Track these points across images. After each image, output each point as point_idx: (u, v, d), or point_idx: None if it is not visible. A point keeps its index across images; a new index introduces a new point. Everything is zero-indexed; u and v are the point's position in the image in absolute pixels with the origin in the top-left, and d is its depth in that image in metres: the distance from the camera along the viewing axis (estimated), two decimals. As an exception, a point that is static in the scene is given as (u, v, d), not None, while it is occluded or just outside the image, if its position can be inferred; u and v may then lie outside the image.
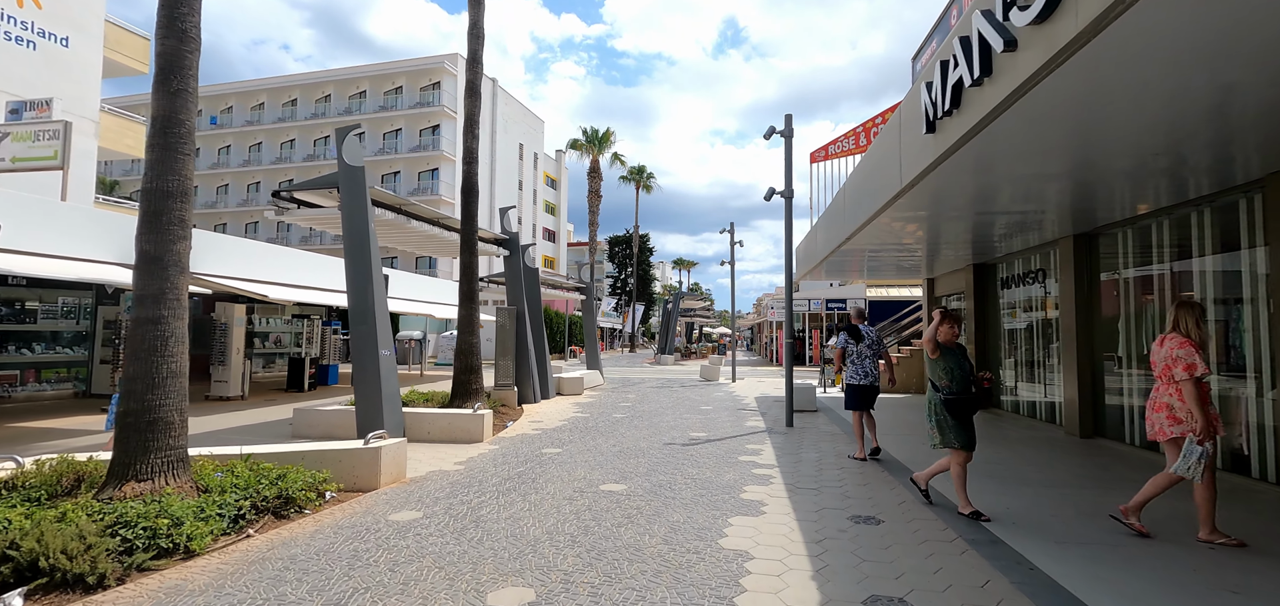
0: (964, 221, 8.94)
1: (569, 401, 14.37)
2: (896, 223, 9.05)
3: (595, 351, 19.60)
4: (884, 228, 9.48)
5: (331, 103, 48.93)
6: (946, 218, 8.68)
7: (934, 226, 9.31)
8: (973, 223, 8.96)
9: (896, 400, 14.55)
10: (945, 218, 8.70)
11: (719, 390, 17.43)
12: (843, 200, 9.85)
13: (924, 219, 8.78)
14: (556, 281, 18.35)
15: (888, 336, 20.13)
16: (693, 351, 45.44)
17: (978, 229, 9.45)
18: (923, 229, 9.62)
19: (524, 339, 14.10)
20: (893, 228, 9.60)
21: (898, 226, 9.43)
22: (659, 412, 12.27)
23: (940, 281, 15.25)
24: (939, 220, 8.87)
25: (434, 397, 10.81)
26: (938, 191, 6.99)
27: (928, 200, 7.46)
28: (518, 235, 14.46)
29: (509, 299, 14.40)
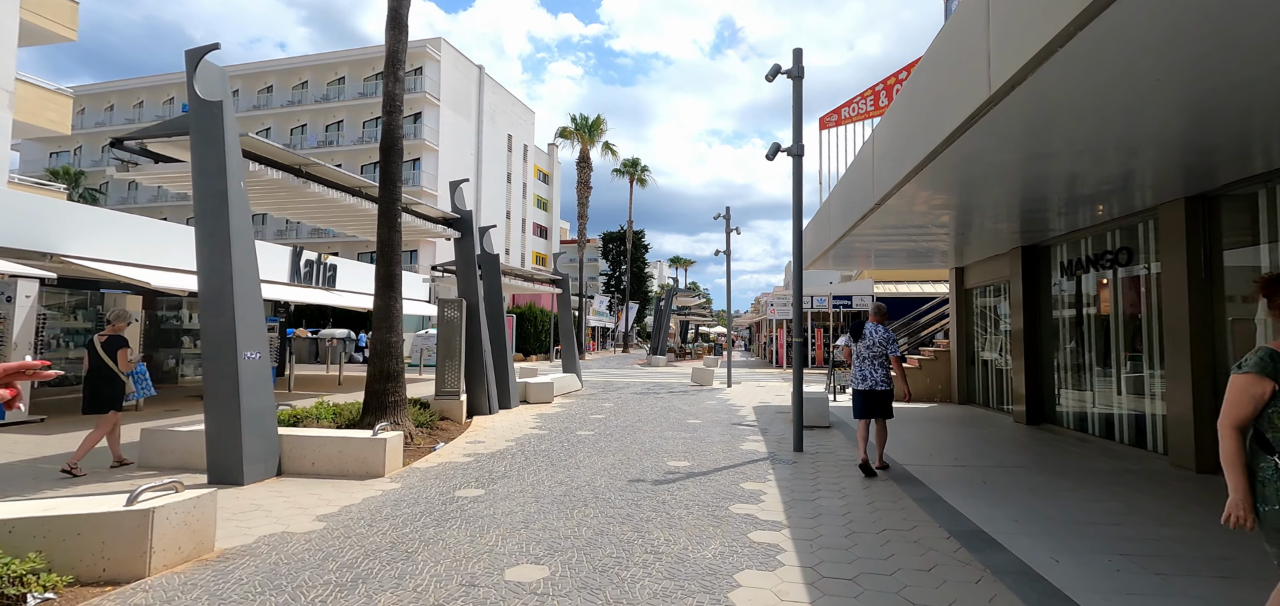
0: (1017, 186, 6.66)
1: (532, 412, 12.05)
2: (930, 193, 6.77)
3: (573, 352, 17.29)
4: (912, 199, 7.19)
5: (309, 89, 46.54)
6: (998, 179, 6.40)
7: (981, 192, 7.03)
8: (1031, 187, 6.66)
9: (918, 411, 12.25)
10: (997, 179, 6.42)
11: (711, 397, 15.12)
12: (872, 153, 7.53)
13: (972, 183, 6.49)
14: (529, 273, 16.03)
15: (902, 337, 17.82)
16: (688, 352, 43.12)
17: (1037, 196, 7.15)
18: (963, 199, 7.35)
19: (477, 338, 11.78)
20: (925, 200, 7.33)
21: (930, 200, 7.16)
22: (635, 428, 9.96)
23: (973, 272, 12.95)
24: (989, 183, 6.59)
25: (342, 414, 8.49)
26: (1013, 127, 4.70)
27: (998, 141, 5.16)
28: (472, 214, 12.13)
29: (460, 290, 12.07)
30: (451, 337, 10.71)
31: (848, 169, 8.94)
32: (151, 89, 50.93)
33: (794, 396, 8.03)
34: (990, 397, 12.23)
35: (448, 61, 44.95)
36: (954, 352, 13.55)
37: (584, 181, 40.18)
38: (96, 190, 49.12)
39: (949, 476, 6.68)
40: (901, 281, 31.24)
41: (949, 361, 13.73)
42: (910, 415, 11.64)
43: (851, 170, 8.79)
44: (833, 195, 10.54)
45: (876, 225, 9.26)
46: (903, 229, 9.75)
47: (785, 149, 8.11)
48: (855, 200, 8.41)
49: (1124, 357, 8.17)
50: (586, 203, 40.23)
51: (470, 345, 11.80)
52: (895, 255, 12.85)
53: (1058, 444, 8.56)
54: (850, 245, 10.71)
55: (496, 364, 12.89)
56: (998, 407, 11.89)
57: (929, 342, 15.83)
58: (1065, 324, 9.54)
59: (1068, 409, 9.47)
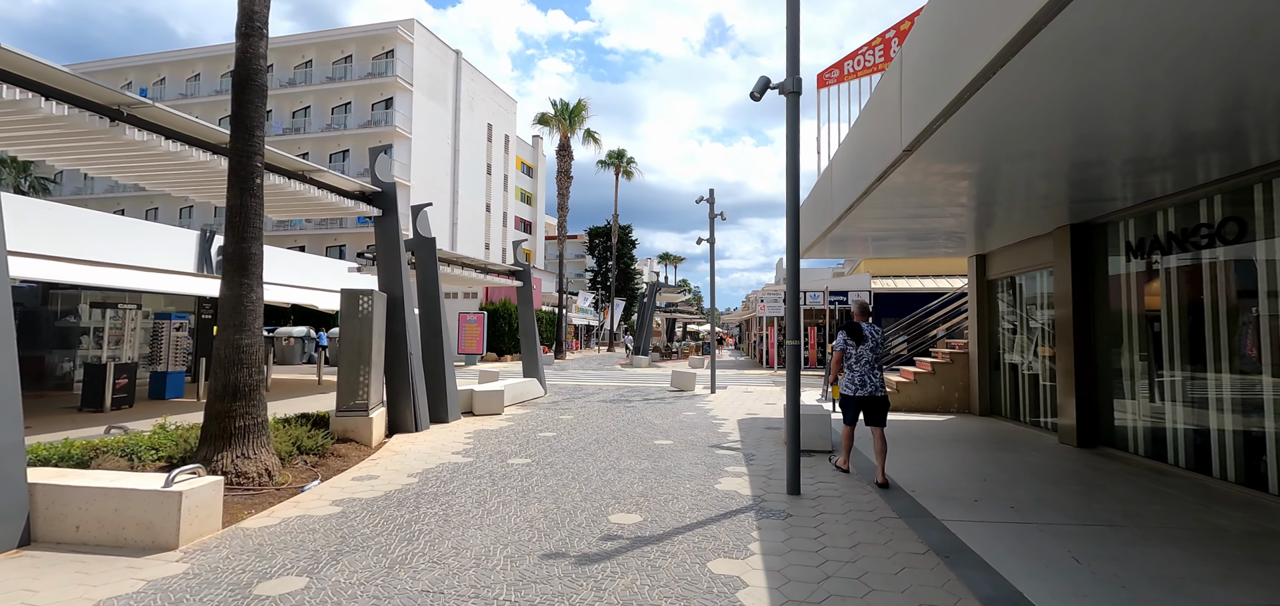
0: (1081, 137, 4.63)
1: (470, 429, 9.90)
2: (958, 154, 4.71)
3: (535, 354, 15.15)
4: (936, 157, 5.14)
5: (274, 74, 43.95)
6: (1062, 123, 4.36)
7: (1031, 142, 4.98)
8: (1107, 131, 4.62)
9: (934, 427, 10.20)
10: (1061, 123, 4.38)
11: (691, 406, 13.03)
12: (899, 81, 5.42)
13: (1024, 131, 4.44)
14: (482, 263, 13.86)
15: (899, 338, 15.81)
16: (674, 351, 41.07)
17: (1107, 150, 5.11)
18: (1001, 159, 5.31)
19: (402, 340, 9.62)
20: (940, 173, 5.29)
21: (946, 171, 5.12)
22: (587, 453, 7.84)
23: (999, 259, 10.91)
24: (1043, 132, 4.54)
25: (190, 442, 6.33)
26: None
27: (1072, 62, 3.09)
28: (394, 186, 9.96)
29: (381, 280, 9.91)
30: (361, 339, 8.55)
31: (862, 114, 6.84)
32: (113, 71, 48.22)
33: (789, 417, 5.93)
34: (1021, 409, 10.21)
35: (421, 44, 42.61)
36: (974, 355, 11.53)
37: (564, 171, 37.94)
38: (48, 180, 46.37)
39: (1013, 541, 4.61)
40: (901, 276, 29.32)
41: (967, 366, 11.71)
42: (926, 432, 9.60)
43: (867, 115, 6.68)
44: (837, 160, 8.45)
45: (882, 206, 7.21)
46: (914, 208, 7.71)
47: (777, 85, 6.01)
48: (870, 156, 6.31)
49: (1223, 362, 6.14)
50: (567, 193, 38.00)
51: (393, 348, 9.65)
52: (899, 240, 10.80)
53: (1134, 478, 6.52)
54: (857, 222, 8.63)
55: (430, 370, 10.75)
56: (1031, 422, 9.87)
57: (937, 344, 13.80)
58: (1133, 319, 7.51)
59: (1135, 427, 7.44)
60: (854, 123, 7.04)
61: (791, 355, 5.91)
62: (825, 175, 9.59)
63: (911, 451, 8.01)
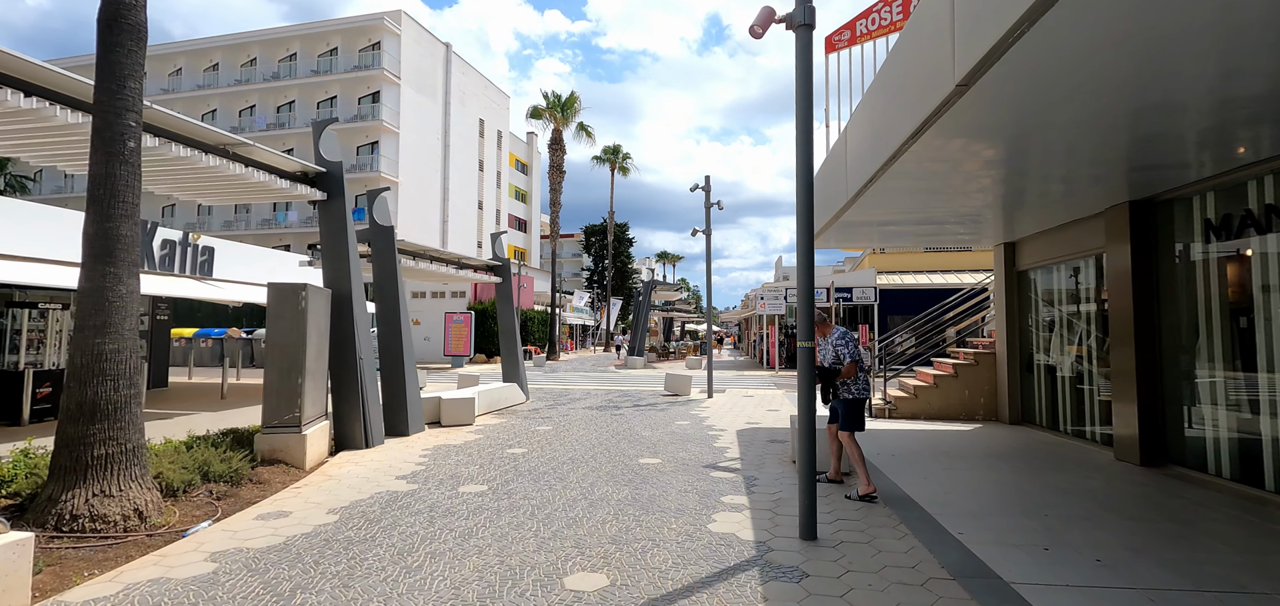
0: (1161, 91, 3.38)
1: (429, 444, 8.62)
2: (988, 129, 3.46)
3: (515, 357, 13.86)
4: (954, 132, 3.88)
5: (258, 66, 42.69)
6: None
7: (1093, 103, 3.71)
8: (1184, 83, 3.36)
9: (960, 437, 8.93)
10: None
11: (685, 414, 11.75)
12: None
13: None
14: (455, 256, 12.56)
15: (906, 337, 14.53)
16: (671, 351, 39.80)
17: (1180, 103, 3.86)
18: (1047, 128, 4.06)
19: (347, 343, 8.35)
20: (960, 148, 4.05)
21: (967, 147, 3.88)
22: (556, 477, 6.56)
23: (1032, 246, 9.63)
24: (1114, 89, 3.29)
25: (40, 473, 5.04)
26: None
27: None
28: (340, 167, 8.67)
29: (326, 274, 8.62)
30: (293, 342, 7.25)
31: (894, 50, 5.52)
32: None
33: (801, 441, 4.64)
34: (1060, 417, 8.94)
35: (409, 37, 41.29)
36: (1002, 356, 10.25)
37: (557, 165, 36.66)
38: (27, 178, 44.98)
39: None
40: (908, 272, 28.07)
41: (994, 367, 10.43)
42: (954, 444, 8.32)
43: (901, 53, 5.36)
44: (854, 126, 7.17)
45: (906, 179, 5.93)
46: (938, 187, 6.46)
47: (784, 17, 4.72)
48: (905, 104, 5.01)
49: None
50: (559, 188, 36.71)
51: (339, 353, 8.37)
52: (913, 228, 9.57)
53: (1231, 512, 5.25)
54: (874, 202, 7.36)
55: (388, 377, 9.48)
56: (1074, 433, 8.60)
57: (958, 344, 12.52)
58: (1213, 312, 6.23)
59: (1215, 442, 6.17)
60: (881, 67, 5.75)
61: (805, 361, 4.62)
62: (836, 151, 8.31)
63: (944, 470, 6.73)
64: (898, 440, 8.56)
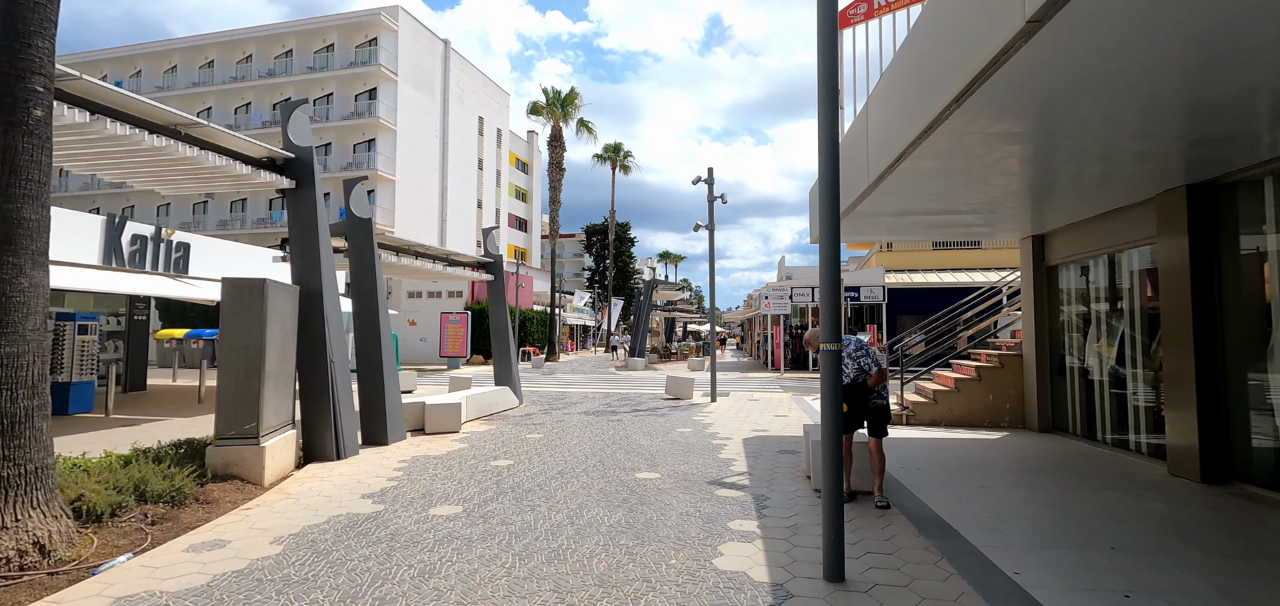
0: None
1: (407, 455, 7.89)
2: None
3: (508, 360, 13.14)
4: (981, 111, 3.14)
5: (253, 63, 42.05)
6: None
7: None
8: None
9: (985, 447, 8.16)
10: None
11: (686, 419, 11.00)
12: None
13: None
14: (444, 253, 11.83)
15: (916, 337, 13.76)
16: (673, 352, 39.05)
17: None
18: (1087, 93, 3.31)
19: (317, 344, 7.62)
20: (980, 130, 3.31)
21: (988, 128, 3.14)
22: (542, 496, 5.82)
23: (1064, 238, 8.86)
24: None
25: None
26: None
27: None
28: (310, 151, 7.94)
29: (294, 270, 7.88)
30: (251, 345, 6.51)
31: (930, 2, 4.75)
32: (89, 63, 46.27)
33: (826, 459, 3.88)
34: (1098, 426, 8.18)
35: (407, 33, 40.62)
36: (1029, 357, 9.49)
37: (556, 162, 35.91)
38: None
39: None
40: (917, 270, 27.29)
41: (1020, 370, 9.66)
42: (984, 455, 7.55)
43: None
44: (879, 96, 6.41)
45: (935, 161, 5.18)
46: (958, 175, 5.70)
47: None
48: (957, 53, 4.23)
49: None
50: (559, 186, 35.97)
51: (308, 355, 7.65)
52: (931, 218, 8.84)
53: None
54: (899, 187, 6.62)
55: (366, 382, 8.75)
56: (1115, 443, 7.83)
57: (979, 344, 11.75)
58: (1287, 312, 5.47)
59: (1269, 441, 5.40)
60: (917, 21, 4.98)
61: (830, 367, 3.87)
62: (853, 134, 7.54)
63: (978, 488, 5.97)
64: (920, 451, 7.80)
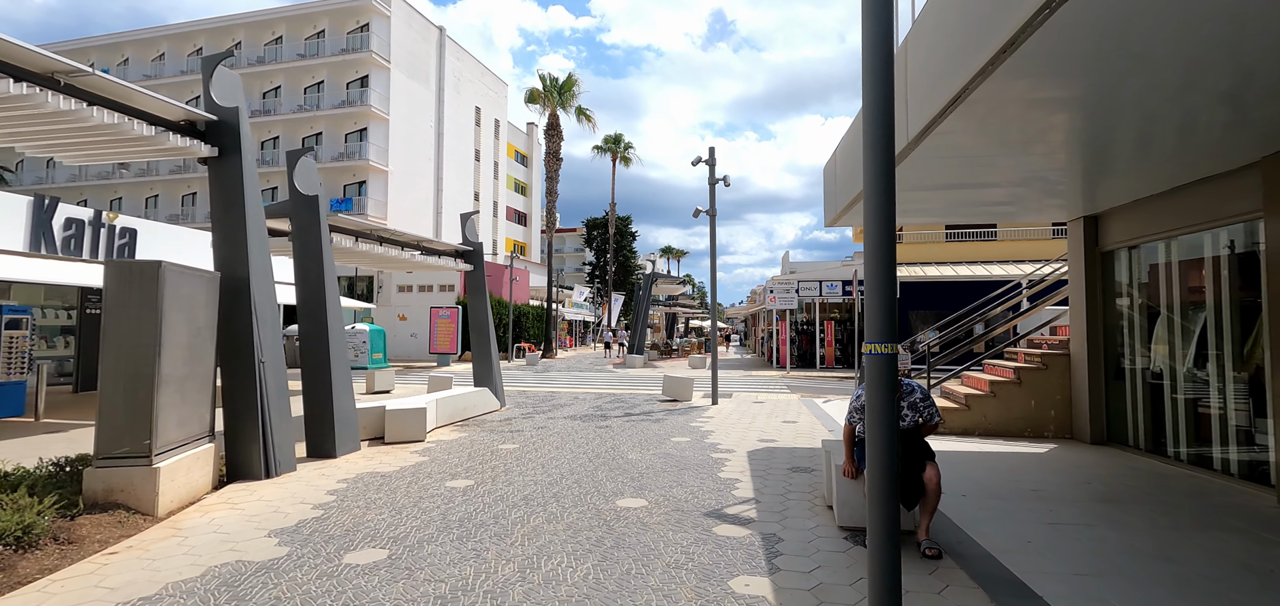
0: None
1: (350, 473, 6.68)
2: None
3: (488, 358, 11.92)
4: None
5: (243, 50, 40.80)
6: None
7: None
8: None
9: (1028, 463, 6.92)
10: None
11: (684, 428, 9.77)
12: None
13: None
14: (418, 240, 10.60)
15: (930, 334, 12.49)
16: (675, 349, 37.83)
17: None
18: None
19: (243, 343, 6.42)
20: None
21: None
22: (495, 531, 4.61)
23: (1124, 218, 7.57)
24: None
25: None
26: None
27: None
28: (237, 114, 6.70)
29: (217, 254, 6.66)
30: (141, 343, 5.29)
31: None
32: (76, 51, 45.13)
33: (877, 508, 2.63)
34: (1169, 440, 6.92)
35: (399, 18, 39.33)
36: (1078, 358, 8.22)
37: (553, 151, 34.65)
38: (6, 169, 43.37)
39: None
40: (931, 263, 25.99)
41: (1067, 373, 8.41)
42: (1034, 474, 6.30)
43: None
44: (917, 35, 5.14)
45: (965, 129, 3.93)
46: (1003, 142, 4.46)
47: None
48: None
49: None
50: (556, 176, 34.71)
51: (232, 356, 6.44)
52: (959, 197, 7.58)
53: None
54: (933, 151, 5.37)
55: (311, 386, 7.55)
56: (1193, 460, 6.58)
57: (989, 344, 10.48)
58: None
59: None
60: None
61: (881, 374, 2.62)
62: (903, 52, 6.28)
63: (1046, 524, 4.73)
64: (959, 468, 6.56)
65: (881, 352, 2.56)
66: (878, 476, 2.60)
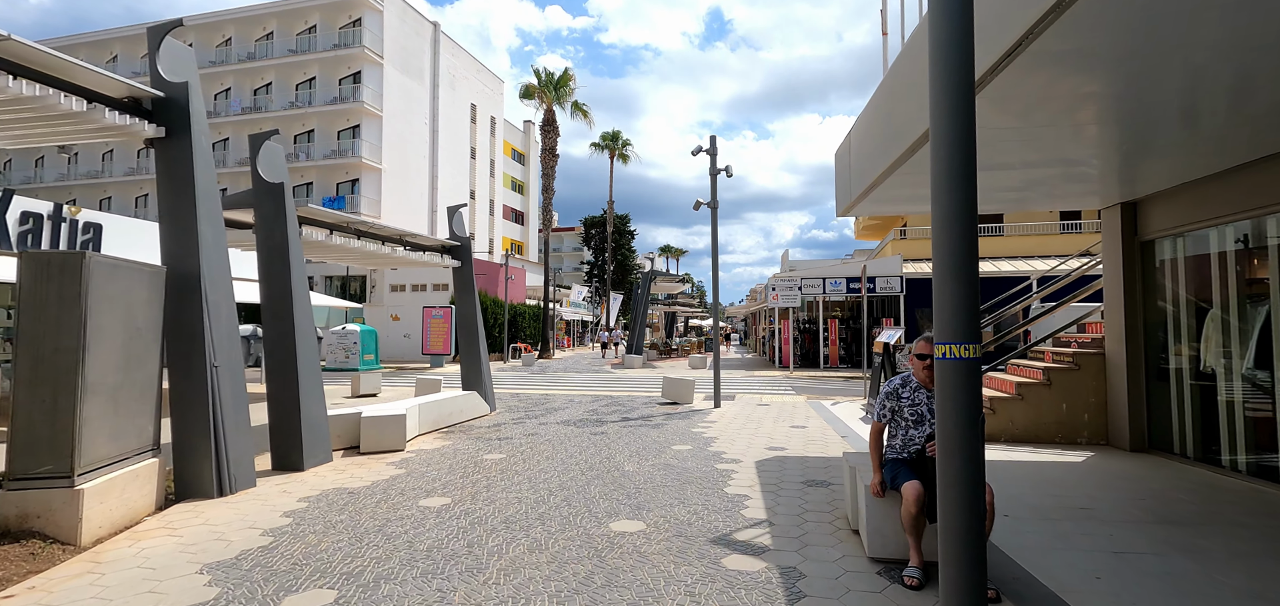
0: None
1: (314, 488, 5.99)
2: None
3: (477, 360, 11.23)
4: None
5: (233, 47, 40.12)
6: None
7: None
8: None
9: (1074, 473, 6.25)
10: None
11: (685, 434, 9.10)
12: None
13: None
14: (401, 234, 9.91)
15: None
16: (674, 349, 37.14)
17: None
18: None
19: (193, 344, 5.74)
20: None
21: None
22: (467, 566, 3.93)
23: (1167, 203, 6.90)
24: None
25: None
26: None
27: None
28: (186, 90, 6.01)
29: (164, 246, 5.97)
30: (61, 347, 4.60)
31: None
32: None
33: (951, 549, 1.96)
34: (1221, 447, 6.25)
35: (392, 13, 38.62)
36: (1116, 357, 7.55)
37: (550, 148, 33.94)
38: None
39: None
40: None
41: (1102, 372, 7.74)
42: (1077, 489, 5.63)
43: None
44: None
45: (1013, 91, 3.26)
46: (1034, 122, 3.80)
47: None
48: None
49: None
50: (553, 172, 34.01)
51: (182, 360, 5.76)
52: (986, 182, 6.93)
53: None
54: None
55: (277, 392, 6.88)
56: (1254, 471, 5.91)
57: (996, 340, 9.82)
58: None
59: None
60: None
61: (960, 385, 1.94)
62: (909, 51, 5.61)
63: (1106, 551, 4.05)
64: (995, 480, 5.87)
65: (961, 357, 1.88)
66: (957, 519, 1.92)
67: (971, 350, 1.87)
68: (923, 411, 3.96)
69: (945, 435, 1.95)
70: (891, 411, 4.04)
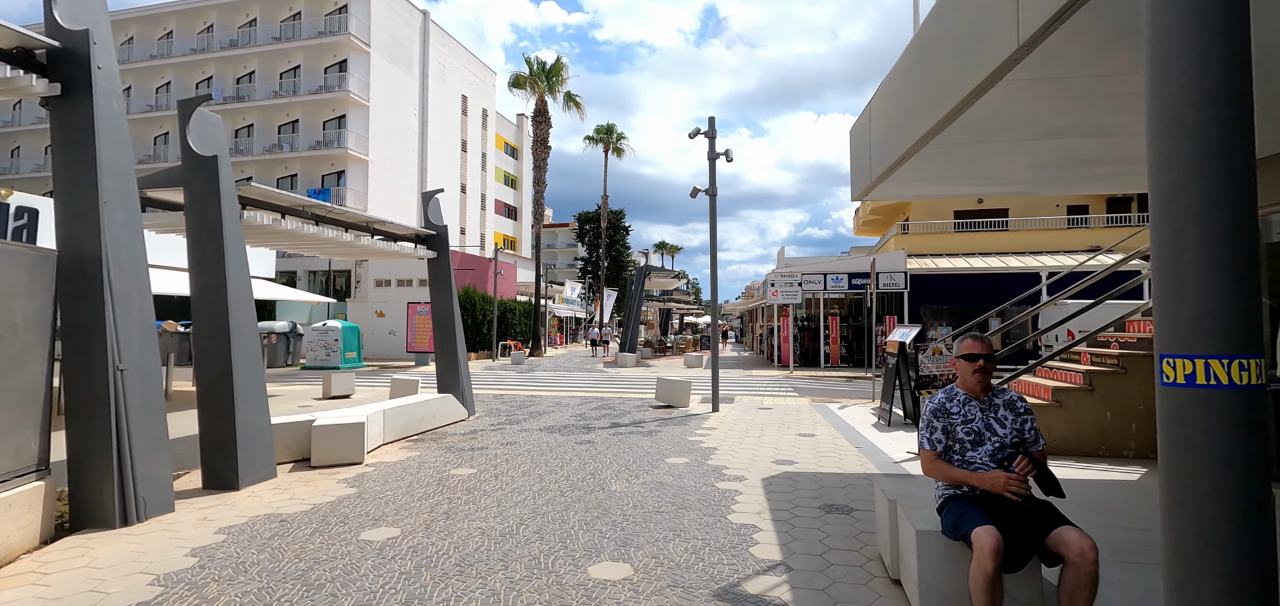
0: None
1: (243, 514, 5.04)
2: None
3: (454, 360, 10.28)
4: None
5: (215, 34, 38.93)
6: None
7: None
8: None
9: (1130, 493, 5.37)
10: None
11: (681, 443, 8.17)
12: None
13: None
14: (371, 221, 8.96)
15: (945, 331, 10.96)
16: (669, 347, 36.23)
17: None
18: None
19: (92, 341, 4.78)
20: None
21: None
22: (399, 640, 3.01)
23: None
24: None
25: None
26: None
27: None
28: (86, 38, 5.03)
29: (59, 227, 5.01)
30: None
31: None
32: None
33: None
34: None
35: (379, 0, 37.51)
36: (1168, 359, 6.65)
37: (542, 139, 32.97)
38: None
39: None
40: (942, 255, 24.51)
41: (1150, 377, 6.85)
42: (1147, 521, 4.75)
43: None
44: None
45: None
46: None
47: None
48: None
49: None
50: (544, 165, 33.04)
51: (79, 362, 4.80)
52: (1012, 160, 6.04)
53: None
54: (1014, 84, 3.79)
55: (209, 399, 5.91)
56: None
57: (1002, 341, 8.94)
58: None
59: None
60: None
61: (1248, 412, 1.00)
62: (940, 10, 4.68)
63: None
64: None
65: (1230, 384, 0.95)
66: None
67: (1252, 370, 0.98)
68: (977, 427, 3.06)
69: (1170, 456, 1.05)
70: (944, 431, 3.13)
